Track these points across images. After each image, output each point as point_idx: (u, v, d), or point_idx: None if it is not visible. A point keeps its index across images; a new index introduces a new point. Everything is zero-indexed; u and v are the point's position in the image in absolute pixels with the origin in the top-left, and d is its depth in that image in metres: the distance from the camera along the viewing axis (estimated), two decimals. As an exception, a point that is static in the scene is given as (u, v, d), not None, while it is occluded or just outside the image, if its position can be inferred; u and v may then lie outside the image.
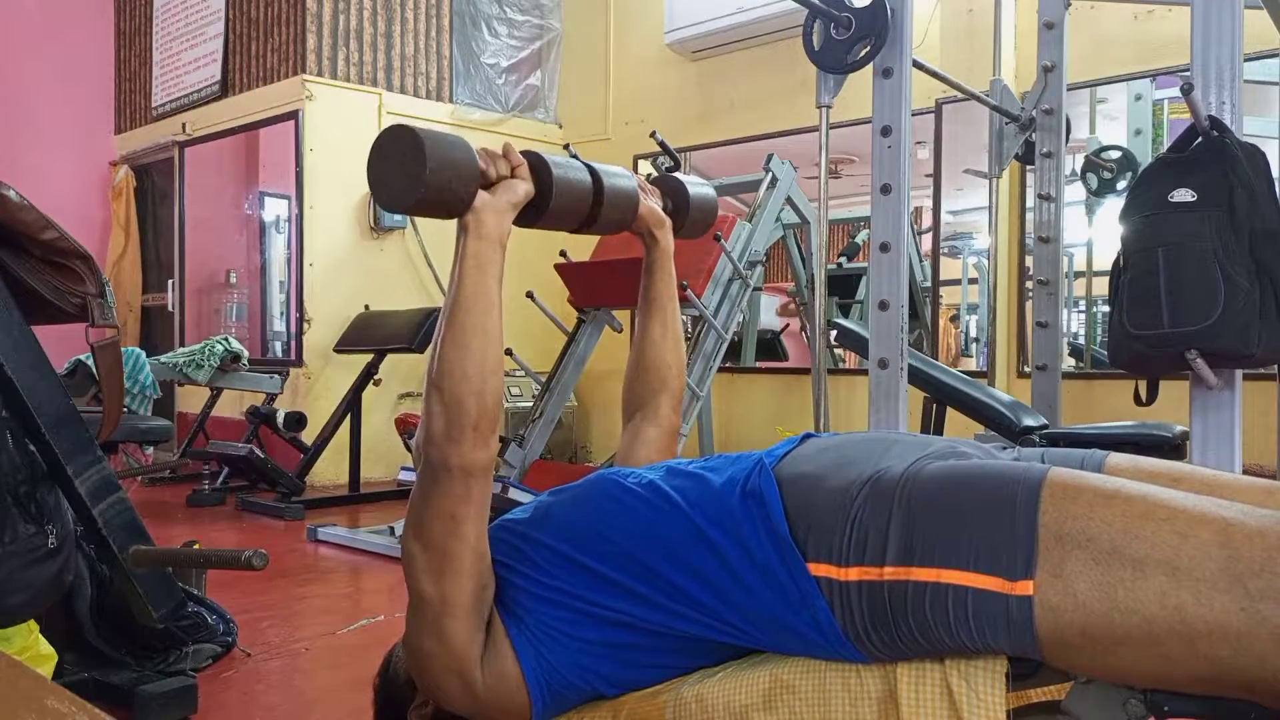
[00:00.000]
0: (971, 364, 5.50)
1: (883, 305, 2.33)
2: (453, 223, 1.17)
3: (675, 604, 1.06)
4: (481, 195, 1.15)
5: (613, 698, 1.13)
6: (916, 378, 2.80)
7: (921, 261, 5.03)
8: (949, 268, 5.31)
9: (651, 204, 1.47)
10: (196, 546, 2.11)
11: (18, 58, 6.14)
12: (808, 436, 1.20)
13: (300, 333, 5.22)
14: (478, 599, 1.10)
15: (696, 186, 1.56)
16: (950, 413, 3.02)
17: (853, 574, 0.96)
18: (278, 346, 6.06)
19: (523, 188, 1.20)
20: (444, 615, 1.08)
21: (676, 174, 1.57)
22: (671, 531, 1.08)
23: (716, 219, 1.60)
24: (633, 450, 1.48)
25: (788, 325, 6.31)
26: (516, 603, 1.13)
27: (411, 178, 1.10)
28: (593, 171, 1.32)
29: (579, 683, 1.11)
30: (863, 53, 2.32)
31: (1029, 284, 3.58)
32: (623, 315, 3.96)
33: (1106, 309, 4.27)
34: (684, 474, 1.15)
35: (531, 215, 1.24)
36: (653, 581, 1.07)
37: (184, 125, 5.96)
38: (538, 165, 1.24)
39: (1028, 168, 3.79)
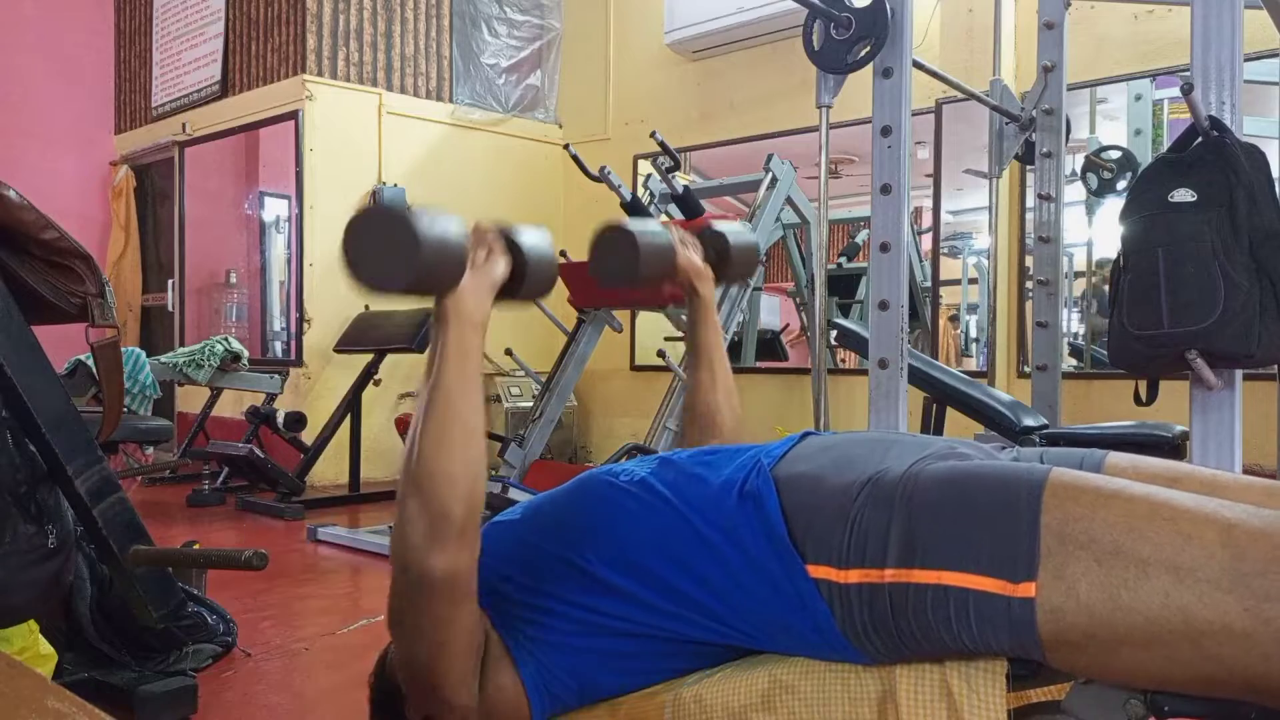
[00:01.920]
0: (971, 364, 5.50)
1: (883, 305, 2.33)
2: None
3: (673, 606, 1.05)
4: (464, 278, 1.07)
5: (611, 699, 1.13)
6: (916, 378, 2.80)
7: (921, 261, 5.03)
8: (949, 268, 5.31)
9: (691, 256, 1.46)
10: (196, 546, 2.11)
11: (18, 58, 6.14)
12: (807, 435, 1.19)
13: (300, 333, 5.22)
14: (472, 661, 1.06)
15: (737, 235, 1.53)
16: (950, 413, 3.02)
17: (853, 576, 0.96)
18: (278, 346, 6.06)
19: (502, 265, 1.11)
20: (437, 686, 1.05)
21: (718, 224, 1.54)
22: (667, 531, 1.07)
23: (758, 263, 1.57)
24: None
25: (788, 325, 6.31)
26: (514, 614, 1.11)
27: (401, 262, 1.02)
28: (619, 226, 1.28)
29: (580, 692, 1.10)
30: (863, 53, 2.32)
31: (1029, 284, 3.58)
32: (623, 315, 3.96)
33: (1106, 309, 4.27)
34: (678, 469, 1.13)
35: (507, 293, 1.15)
36: (650, 584, 1.06)
37: (184, 125, 5.96)
38: (510, 241, 1.14)
39: (1028, 168, 3.78)
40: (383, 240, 1.03)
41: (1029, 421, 2.77)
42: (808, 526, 1.00)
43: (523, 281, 1.14)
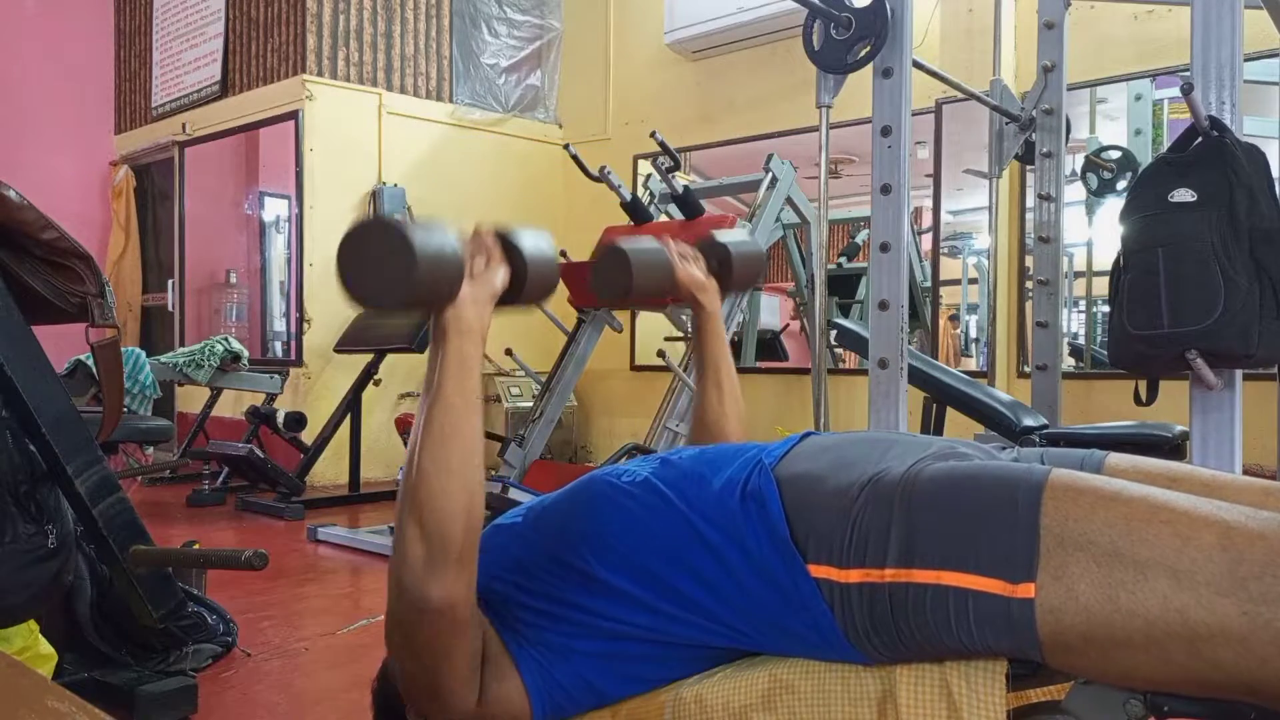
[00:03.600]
0: (971, 364, 5.50)
1: (883, 305, 2.33)
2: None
3: (674, 609, 1.05)
4: (462, 288, 1.04)
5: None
6: (916, 378, 2.80)
7: (921, 261, 5.03)
8: (949, 268, 5.31)
9: (691, 271, 1.47)
10: (196, 546, 2.11)
11: (18, 58, 6.14)
12: (808, 435, 1.19)
13: (300, 333, 5.22)
14: (472, 670, 1.06)
15: (740, 245, 1.54)
16: (950, 413, 3.02)
17: (854, 576, 0.96)
18: (278, 346, 6.06)
19: (502, 273, 1.09)
20: (437, 695, 1.05)
21: (720, 233, 1.55)
22: (669, 533, 1.07)
23: (764, 269, 1.59)
24: None
25: (788, 325, 6.31)
26: (516, 617, 1.11)
27: (396, 279, 0.99)
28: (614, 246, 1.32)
29: (581, 696, 1.10)
30: (863, 53, 2.32)
31: (1029, 284, 3.58)
32: (623, 315, 3.96)
33: (1106, 309, 4.27)
34: (680, 470, 1.13)
35: (508, 299, 1.12)
36: (650, 585, 1.06)
37: (184, 125, 5.96)
38: (508, 247, 1.11)
39: (1028, 168, 3.78)
40: (377, 255, 1.00)
41: (1029, 421, 2.77)
42: (809, 526, 1.00)
43: (523, 287, 1.11)
